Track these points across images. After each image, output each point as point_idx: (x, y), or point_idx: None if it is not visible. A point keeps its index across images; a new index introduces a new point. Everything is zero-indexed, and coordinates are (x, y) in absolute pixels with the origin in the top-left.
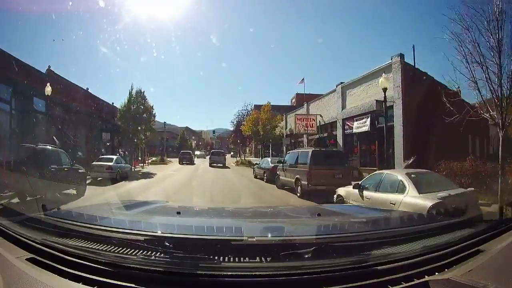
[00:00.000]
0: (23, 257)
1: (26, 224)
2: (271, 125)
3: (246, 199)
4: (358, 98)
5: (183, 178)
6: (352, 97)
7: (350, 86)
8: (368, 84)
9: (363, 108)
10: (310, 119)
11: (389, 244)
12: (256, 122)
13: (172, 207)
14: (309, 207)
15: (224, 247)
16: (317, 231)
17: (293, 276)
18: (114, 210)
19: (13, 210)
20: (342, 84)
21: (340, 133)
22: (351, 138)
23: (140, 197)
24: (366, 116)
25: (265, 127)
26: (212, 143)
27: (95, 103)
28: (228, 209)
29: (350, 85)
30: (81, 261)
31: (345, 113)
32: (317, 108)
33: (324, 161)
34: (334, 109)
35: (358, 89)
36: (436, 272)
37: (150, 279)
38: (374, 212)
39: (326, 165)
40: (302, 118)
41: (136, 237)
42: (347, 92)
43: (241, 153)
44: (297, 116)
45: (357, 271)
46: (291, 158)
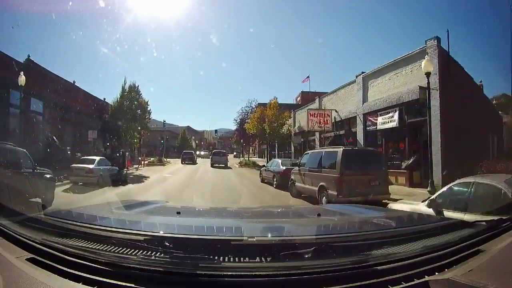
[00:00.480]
0: (23, 257)
1: (26, 224)
2: (278, 122)
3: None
4: (383, 89)
5: (178, 183)
6: (376, 88)
7: (373, 76)
8: (395, 73)
9: (389, 101)
10: (324, 114)
11: (389, 244)
12: (261, 120)
13: (172, 207)
14: (309, 207)
15: (224, 247)
16: (317, 231)
17: (293, 276)
18: (114, 210)
19: (13, 210)
20: (363, 74)
21: (361, 130)
22: (374, 135)
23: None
24: (394, 109)
25: (271, 124)
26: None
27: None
28: (228, 209)
29: (373, 75)
30: (81, 261)
31: (367, 107)
32: (331, 102)
33: (358, 164)
34: (352, 103)
35: (383, 79)
36: (436, 272)
37: (150, 279)
38: (374, 212)
39: (361, 168)
40: (315, 113)
41: (136, 237)
42: (369, 83)
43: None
44: (310, 111)
45: (357, 271)
46: (311, 160)
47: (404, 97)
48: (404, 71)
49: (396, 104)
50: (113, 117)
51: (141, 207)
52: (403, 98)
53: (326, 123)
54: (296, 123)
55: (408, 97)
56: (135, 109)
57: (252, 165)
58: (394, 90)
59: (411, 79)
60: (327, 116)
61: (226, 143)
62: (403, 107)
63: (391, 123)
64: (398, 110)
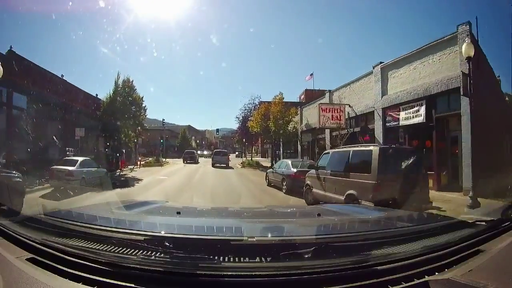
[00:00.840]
0: (23, 257)
1: (26, 224)
2: (284, 119)
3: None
4: (407, 80)
5: (172, 187)
6: (397, 79)
7: (394, 66)
8: (421, 62)
9: (414, 93)
10: (337, 109)
11: (389, 244)
12: (265, 117)
13: (172, 207)
14: (309, 207)
15: (224, 247)
16: (317, 231)
17: (293, 276)
18: (114, 210)
19: (13, 210)
20: (381, 64)
21: (379, 126)
22: (395, 132)
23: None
24: (419, 103)
25: (277, 121)
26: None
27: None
28: (228, 209)
29: (394, 65)
30: (81, 261)
31: (387, 101)
32: (344, 97)
33: (397, 166)
34: (369, 97)
35: (407, 69)
36: (436, 272)
37: (150, 279)
38: (374, 212)
39: (400, 172)
40: (327, 108)
41: (136, 237)
42: (389, 74)
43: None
44: (322, 106)
45: (357, 271)
46: (333, 162)
47: (432, 89)
48: (432, 59)
49: (423, 97)
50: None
51: (141, 207)
52: (431, 89)
53: (339, 119)
54: (303, 120)
55: (436, 89)
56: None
57: (255, 166)
58: (420, 81)
59: (439, 68)
60: (340, 111)
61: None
62: (430, 100)
63: (416, 118)
64: (425, 104)
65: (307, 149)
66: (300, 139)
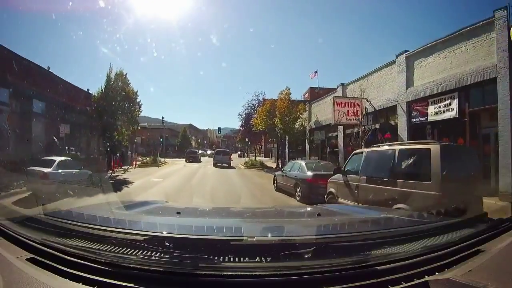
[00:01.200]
0: (23, 257)
1: (26, 224)
2: (292, 116)
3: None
4: (436, 70)
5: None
6: (425, 69)
7: (421, 54)
8: (453, 49)
9: (445, 84)
10: (354, 104)
11: (389, 244)
12: (271, 114)
13: (172, 207)
14: (309, 207)
15: (224, 247)
16: (317, 231)
17: (293, 276)
18: (114, 210)
19: (13, 210)
20: (406, 52)
21: (403, 122)
22: (421, 129)
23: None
24: (451, 95)
25: (283, 118)
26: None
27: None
28: (228, 209)
29: (422, 53)
30: (81, 261)
31: (413, 93)
32: (360, 90)
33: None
34: (391, 89)
35: (436, 58)
36: (436, 272)
37: (150, 279)
38: (374, 212)
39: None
40: (343, 102)
41: (136, 237)
42: (416, 63)
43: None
44: (337, 99)
45: (357, 271)
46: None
47: (466, 79)
48: (465, 47)
49: (455, 89)
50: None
51: (141, 207)
52: (465, 80)
53: (356, 115)
54: (312, 117)
55: (470, 79)
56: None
57: (259, 166)
58: (451, 71)
59: (473, 57)
60: (357, 106)
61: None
62: (463, 92)
63: (447, 112)
64: (457, 96)
65: (315, 149)
66: (308, 137)
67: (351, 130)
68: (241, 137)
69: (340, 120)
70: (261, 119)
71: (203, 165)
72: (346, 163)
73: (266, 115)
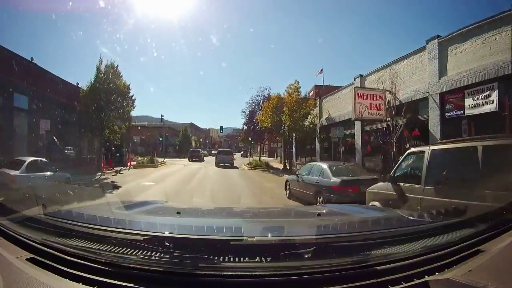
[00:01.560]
0: (23, 257)
1: (26, 224)
2: (301, 112)
3: None
4: (473, 57)
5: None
6: (461, 56)
7: (456, 40)
8: (493, 34)
9: (484, 73)
10: (376, 96)
11: (389, 244)
12: (277, 110)
13: (172, 207)
14: (309, 207)
15: (224, 247)
16: (317, 231)
17: (293, 276)
18: (114, 210)
19: (13, 210)
20: (438, 38)
21: (435, 116)
22: (456, 124)
23: None
24: (490, 86)
25: (292, 115)
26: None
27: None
28: (228, 209)
29: (456, 38)
30: (81, 261)
31: (447, 84)
32: (381, 81)
33: None
34: (421, 79)
35: (473, 43)
36: (436, 272)
37: (150, 279)
38: (374, 212)
39: None
40: (365, 94)
41: (136, 237)
42: (450, 50)
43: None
44: (358, 91)
45: (357, 271)
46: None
47: (507, 68)
48: (505, 32)
49: (494, 78)
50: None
51: (141, 207)
52: (505, 69)
53: (379, 109)
54: (323, 113)
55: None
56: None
57: (265, 167)
58: (490, 58)
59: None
60: (380, 98)
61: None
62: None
63: (487, 105)
64: (497, 87)
65: (327, 148)
66: (319, 135)
67: (370, 127)
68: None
69: (361, 115)
70: (266, 116)
71: (204, 165)
72: (396, 168)
73: (272, 111)
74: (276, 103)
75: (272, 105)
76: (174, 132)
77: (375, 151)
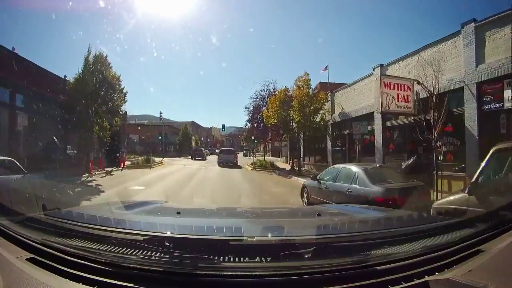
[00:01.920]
0: (23, 257)
1: (26, 224)
2: (313, 106)
3: None
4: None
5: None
6: (500, 42)
7: (495, 24)
8: None
9: None
10: (404, 87)
11: (389, 244)
12: (285, 104)
13: (172, 207)
14: (309, 207)
15: (224, 247)
16: (317, 231)
17: (293, 276)
18: (114, 210)
19: (13, 210)
20: (475, 22)
21: (472, 109)
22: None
23: None
24: None
25: (303, 109)
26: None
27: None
28: (228, 209)
29: (495, 22)
30: (81, 261)
31: (485, 72)
32: (407, 71)
33: None
34: (455, 67)
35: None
36: (436, 272)
37: (150, 279)
38: (374, 212)
39: None
40: (392, 84)
41: (136, 237)
42: (487, 35)
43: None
44: (385, 80)
45: (357, 271)
46: None
47: None
48: None
49: None
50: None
51: (141, 207)
52: None
53: (407, 101)
54: (335, 108)
55: None
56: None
57: (270, 168)
58: None
59: None
60: (408, 89)
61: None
62: None
63: None
64: None
65: (340, 147)
66: (331, 133)
67: (393, 122)
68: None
69: (388, 107)
70: (272, 111)
71: (205, 165)
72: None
73: (279, 106)
74: (284, 97)
75: (279, 99)
76: (174, 131)
77: (399, 150)
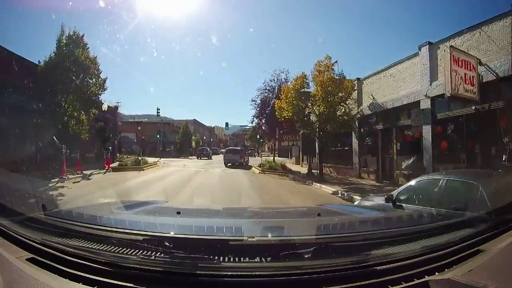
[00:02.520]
0: (23, 257)
1: (26, 224)
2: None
3: None
4: None
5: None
6: None
7: None
8: None
9: None
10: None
11: (389, 244)
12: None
13: (172, 207)
14: (309, 207)
15: (224, 247)
16: (317, 231)
17: (293, 276)
18: (114, 210)
19: (13, 210)
20: None
21: None
22: None
23: None
24: None
25: (327, 98)
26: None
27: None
28: (228, 209)
29: None
30: (81, 261)
31: None
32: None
33: None
34: None
35: None
36: (436, 272)
37: (150, 279)
38: (374, 212)
39: None
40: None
41: (136, 237)
42: None
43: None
44: (455, 53)
45: (357, 271)
46: None
47: None
48: None
49: None
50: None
51: (141, 207)
52: None
53: (471, 83)
54: (364, 99)
55: None
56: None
57: (281, 170)
58: None
59: None
60: (472, 69)
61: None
62: None
63: None
64: None
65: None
66: (357, 129)
67: (447, 114)
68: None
69: (457, 90)
70: (287, 102)
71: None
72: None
73: (295, 97)
74: (302, 85)
75: (296, 88)
76: (174, 129)
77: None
